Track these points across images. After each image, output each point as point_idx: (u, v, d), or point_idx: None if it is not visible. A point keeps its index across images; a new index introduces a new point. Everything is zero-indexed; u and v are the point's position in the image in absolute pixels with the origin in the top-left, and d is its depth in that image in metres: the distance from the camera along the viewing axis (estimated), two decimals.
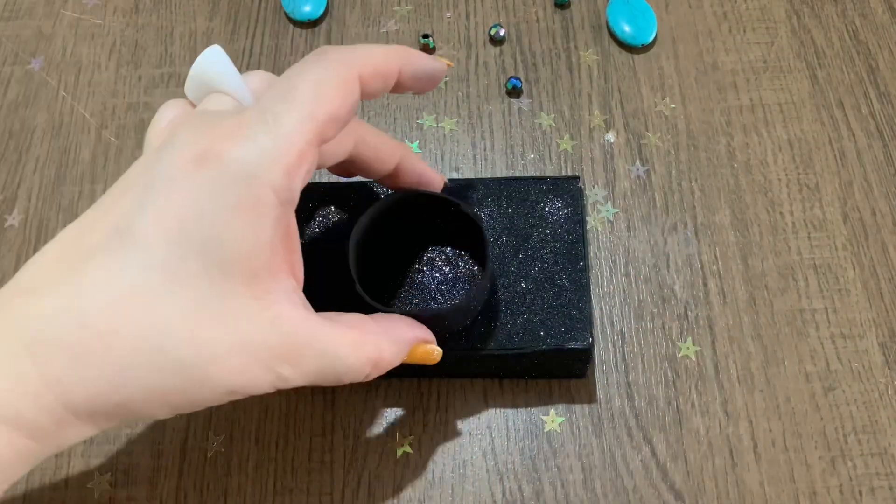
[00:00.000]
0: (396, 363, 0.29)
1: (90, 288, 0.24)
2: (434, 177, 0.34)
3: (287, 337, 0.25)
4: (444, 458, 0.36)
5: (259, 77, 0.29)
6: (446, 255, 0.36)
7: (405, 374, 0.37)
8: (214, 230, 0.24)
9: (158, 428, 0.37)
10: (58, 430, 0.24)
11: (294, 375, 0.26)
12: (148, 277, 0.24)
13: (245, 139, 0.24)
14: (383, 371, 0.29)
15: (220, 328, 0.24)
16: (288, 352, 0.25)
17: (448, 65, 0.31)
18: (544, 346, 0.33)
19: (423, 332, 0.31)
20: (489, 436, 0.36)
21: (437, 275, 0.36)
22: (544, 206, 0.36)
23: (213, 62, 0.28)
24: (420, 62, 0.29)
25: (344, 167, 0.32)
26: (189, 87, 0.29)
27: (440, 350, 0.31)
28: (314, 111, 0.25)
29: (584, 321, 0.34)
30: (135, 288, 0.24)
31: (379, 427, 0.37)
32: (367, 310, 0.34)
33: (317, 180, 0.43)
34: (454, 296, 0.35)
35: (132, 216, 0.24)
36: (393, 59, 0.28)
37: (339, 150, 0.31)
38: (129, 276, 0.24)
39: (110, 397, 0.24)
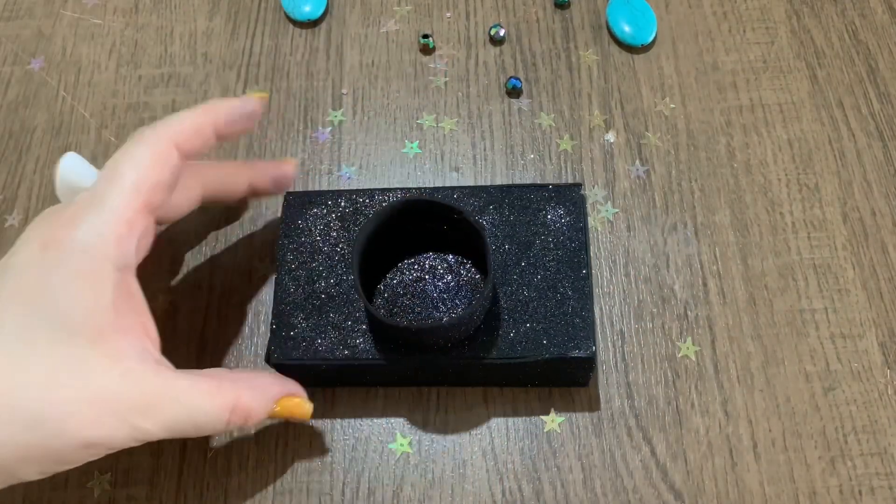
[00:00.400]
0: (262, 413, 0.31)
1: None
2: (281, 167, 0.38)
3: (139, 389, 0.28)
4: (443, 458, 0.36)
5: None
6: (448, 263, 0.36)
7: (405, 383, 0.37)
8: (58, 300, 0.27)
9: None
10: None
11: (152, 427, 0.28)
12: (1, 350, 0.27)
13: (80, 222, 0.28)
14: (249, 422, 0.31)
15: (71, 384, 0.27)
16: (142, 404, 0.28)
17: (261, 97, 0.34)
18: (547, 355, 0.33)
19: (290, 386, 0.33)
20: (489, 436, 0.36)
21: (440, 283, 0.36)
22: (546, 214, 0.36)
23: (69, 167, 0.33)
24: (227, 110, 0.32)
25: (207, 203, 0.37)
26: (60, 194, 0.33)
27: (311, 404, 0.33)
28: (136, 184, 0.29)
29: (588, 329, 0.34)
30: None
31: (379, 427, 0.37)
32: (372, 320, 0.34)
33: (317, 188, 0.43)
34: (456, 304, 0.35)
35: None
36: (201, 118, 0.31)
37: (188, 200, 0.35)
38: None
39: None
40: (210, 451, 0.37)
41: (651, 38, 0.45)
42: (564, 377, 0.36)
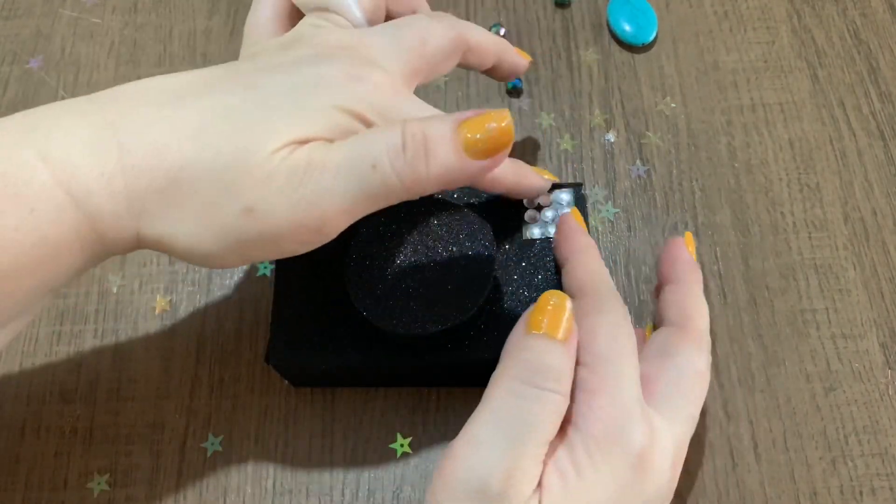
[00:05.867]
0: (447, 154, 0.26)
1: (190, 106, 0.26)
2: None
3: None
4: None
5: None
6: (448, 261, 0.36)
7: (405, 383, 0.37)
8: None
9: (158, 428, 0.37)
10: (118, 225, 0.25)
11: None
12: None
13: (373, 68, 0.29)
14: (434, 170, 0.26)
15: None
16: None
17: (529, 60, 0.38)
18: None
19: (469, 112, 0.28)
20: None
21: (440, 282, 0.36)
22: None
23: None
24: (511, 59, 0.37)
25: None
26: None
27: (506, 118, 0.27)
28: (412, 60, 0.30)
29: None
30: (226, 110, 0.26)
31: (379, 427, 0.37)
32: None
33: None
34: (457, 305, 0.35)
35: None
36: (495, 46, 0.35)
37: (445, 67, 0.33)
38: (221, 104, 0.26)
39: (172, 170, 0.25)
40: (209, 451, 0.37)
41: (652, 38, 0.45)
42: None
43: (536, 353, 0.27)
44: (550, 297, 0.28)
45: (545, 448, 0.26)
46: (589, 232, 0.36)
